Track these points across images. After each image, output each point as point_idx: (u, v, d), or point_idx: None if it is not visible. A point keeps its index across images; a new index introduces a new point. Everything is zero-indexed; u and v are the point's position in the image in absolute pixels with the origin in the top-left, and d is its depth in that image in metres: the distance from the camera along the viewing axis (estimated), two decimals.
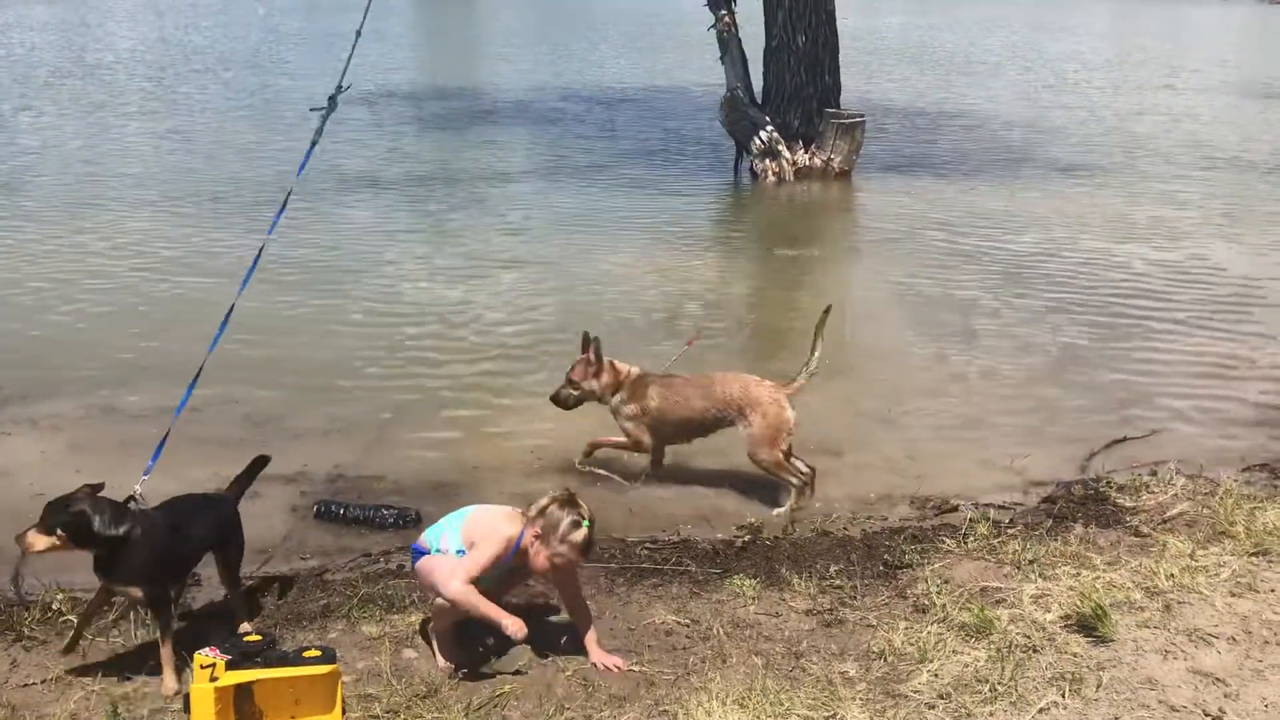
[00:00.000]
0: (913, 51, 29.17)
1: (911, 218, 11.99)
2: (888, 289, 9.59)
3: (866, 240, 11.65)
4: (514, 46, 29.37)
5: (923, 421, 6.93)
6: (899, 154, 15.41)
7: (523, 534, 4.16)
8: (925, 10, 44.64)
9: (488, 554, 4.14)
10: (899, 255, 10.59)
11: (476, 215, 11.73)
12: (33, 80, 20.04)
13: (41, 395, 6.87)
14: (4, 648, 4.28)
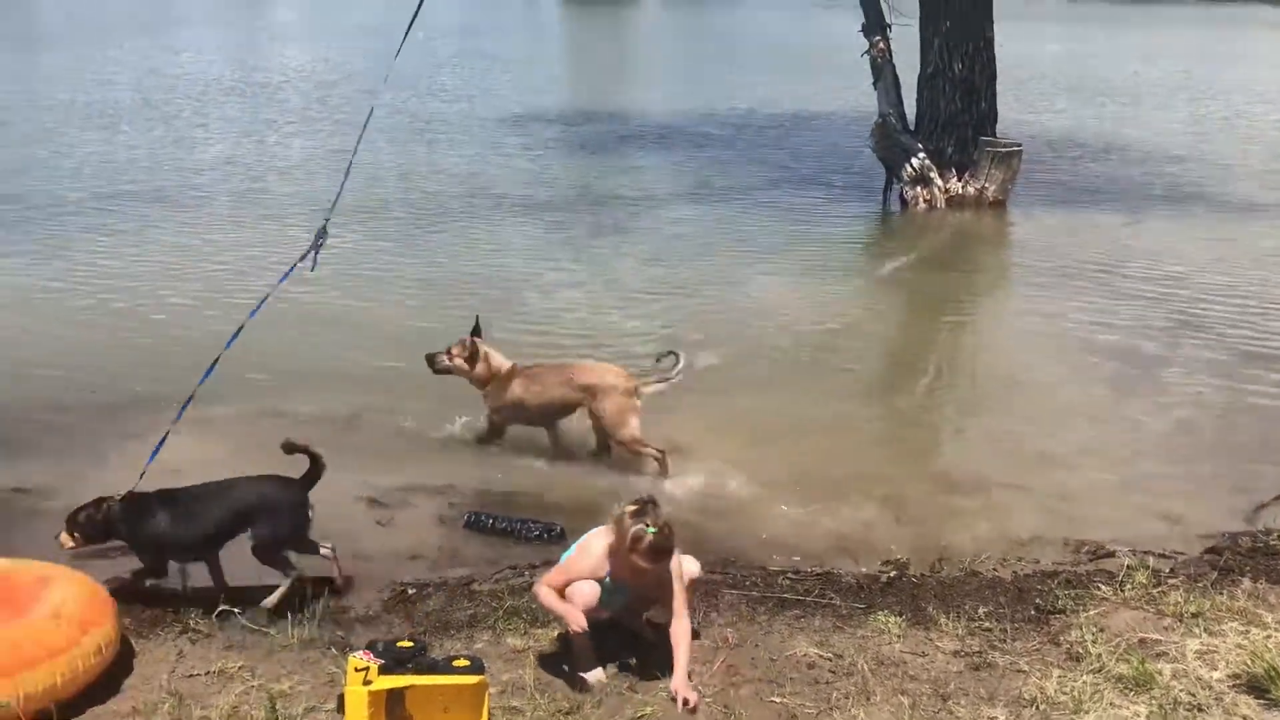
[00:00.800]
0: (1073, 79, 28.35)
1: (1069, 251, 11.62)
2: (1041, 324, 9.31)
3: (1020, 273, 11.34)
4: (662, 71, 29.64)
5: (1077, 461, 6.70)
6: (1057, 185, 14.97)
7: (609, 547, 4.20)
8: (1086, 37, 43.36)
9: (577, 562, 4.24)
10: (1055, 290, 10.26)
11: (621, 239, 11.84)
12: (205, 99, 21.08)
13: (210, 399, 7.17)
14: (172, 639, 4.49)
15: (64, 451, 6.39)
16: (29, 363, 7.75)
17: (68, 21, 37.46)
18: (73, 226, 11.46)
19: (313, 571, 5.11)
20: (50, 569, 4.35)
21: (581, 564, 4.22)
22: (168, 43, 31.89)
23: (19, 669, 3.75)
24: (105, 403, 7.01)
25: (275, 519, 4.83)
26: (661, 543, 4.09)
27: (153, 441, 6.41)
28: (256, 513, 4.82)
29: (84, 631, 3.97)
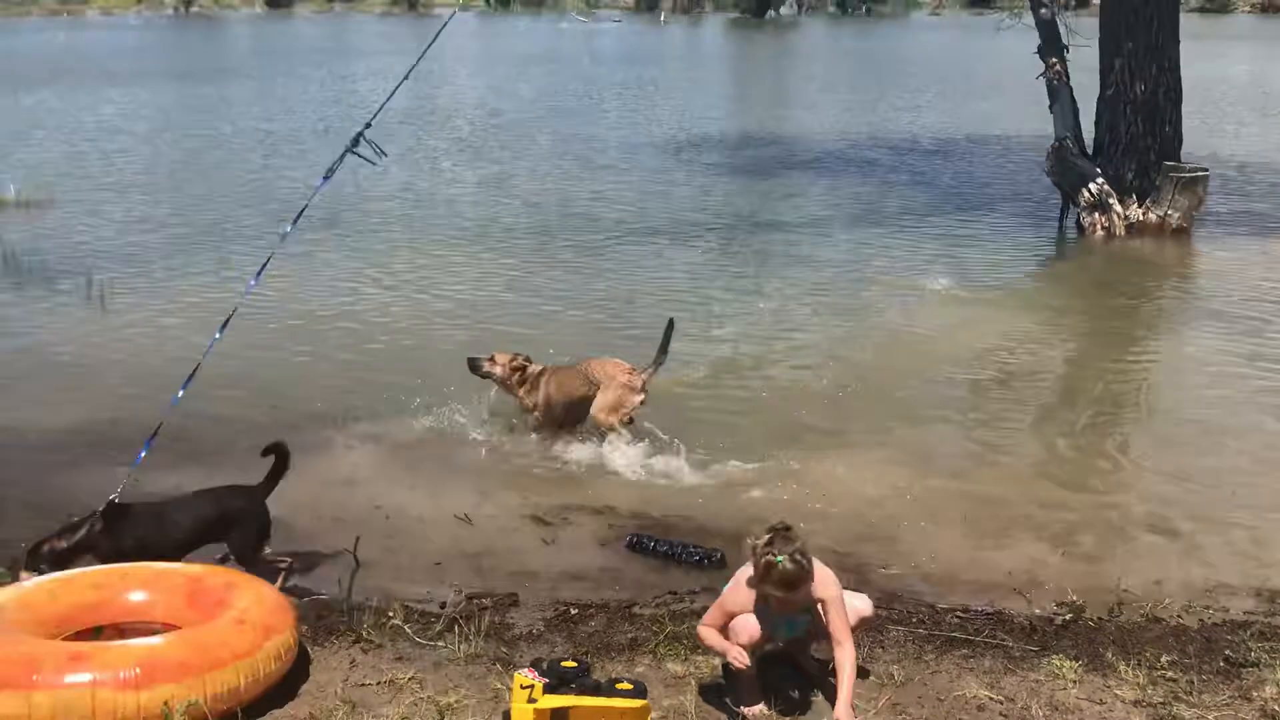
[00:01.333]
0: (1264, 100, 26.94)
1: (1258, 284, 10.99)
2: (1229, 361, 8.81)
3: (1205, 306, 10.76)
4: (825, 94, 29.43)
5: (1269, 506, 6.31)
6: (1246, 213, 14.21)
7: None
8: (1276, 57, 41.18)
9: (730, 596, 4.15)
10: (1243, 325, 9.72)
11: (784, 263, 11.77)
12: (381, 127, 21.95)
13: (386, 414, 7.44)
14: (345, 648, 4.63)
15: (248, 465, 6.69)
16: (216, 380, 8.13)
17: (254, 54, 39.59)
18: (253, 250, 12.03)
19: (473, 588, 5.24)
20: (236, 575, 4.56)
21: (735, 597, 4.15)
22: (345, 72, 33.39)
23: (207, 669, 3.93)
24: (285, 418, 7.31)
25: (244, 528, 5.15)
26: (792, 572, 3.96)
27: (321, 456, 6.74)
28: (226, 523, 5.14)
29: (266, 637, 4.13)
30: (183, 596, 4.44)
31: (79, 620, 4.39)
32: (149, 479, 6.25)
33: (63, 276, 10.78)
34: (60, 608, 4.38)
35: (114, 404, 7.56)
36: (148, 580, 4.54)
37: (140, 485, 6.08)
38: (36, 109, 24.14)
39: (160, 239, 12.40)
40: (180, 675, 3.88)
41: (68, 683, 3.79)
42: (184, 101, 25.79)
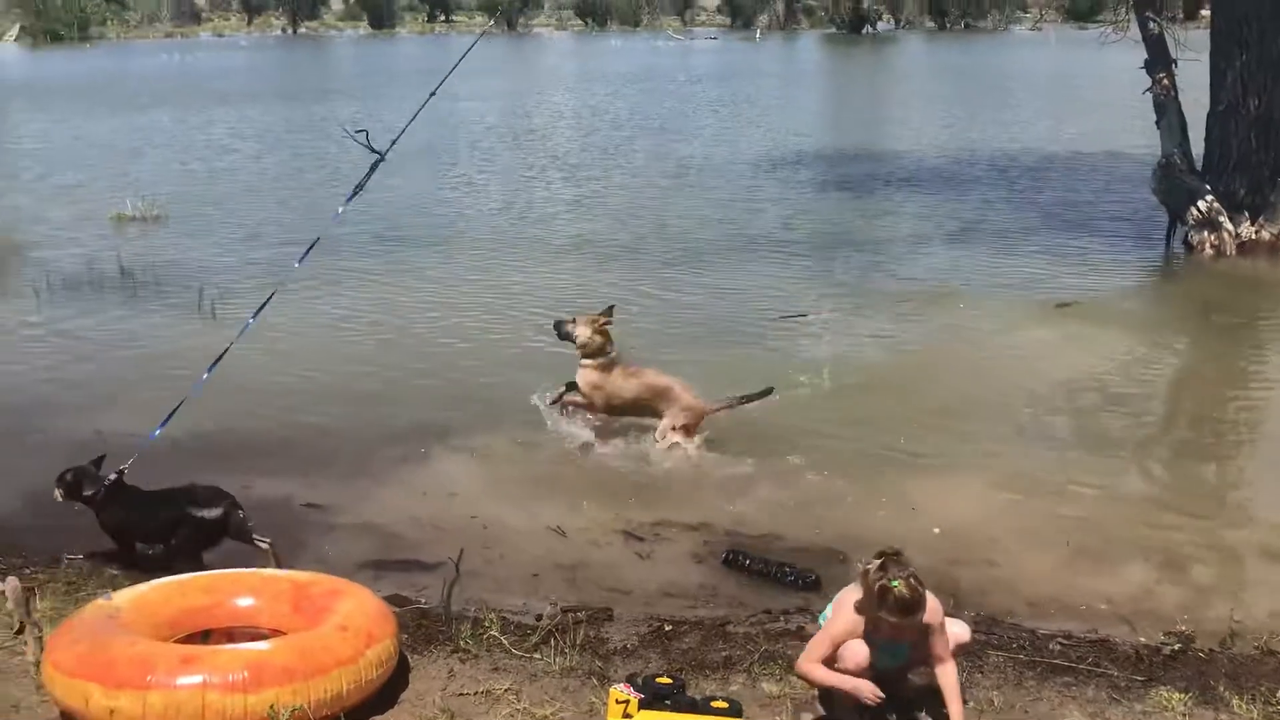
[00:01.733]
0: None
1: None
2: None
3: None
4: (924, 110, 29.08)
5: None
6: None
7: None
8: None
9: (837, 625, 4.07)
10: None
11: (881, 280, 11.65)
12: (479, 144, 22.30)
13: (482, 426, 7.56)
14: (444, 657, 4.70)
15: (352, 472, 6.86)
16: (323, 390, 8.37)
17: (358, 74, 40.56)
18: (353, 264, 12.31)
19: (567, 601, 5.28)
20: (341, 583, 4.66)
21: (842, 625, 4.06)
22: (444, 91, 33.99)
23: (311, 675, 4.03)
24: (385, 431, 7.47)
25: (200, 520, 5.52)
26: (909, 597, 3.88)
27: (422, 468, 6.87)
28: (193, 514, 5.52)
29: (368, 644, 4.22)
30: (288, 603, 4.55)
31: (190, 624, 4.54)
32: (258, 485, 6.47)
33: (174, 289, 11.17)
34: (173, 611, 4.53)
35: (222, 414, 7.78)
36: (255, 586, 4.68)
37: (250, 491, 6.30)
38: (150, 128, 25.05)
39: (266, 254, 12.75)
40: (286, 680, 3.99)
41: (180, 684, 3.91)
42: (291, 120, 26.51)
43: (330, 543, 5.95)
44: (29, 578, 5.27)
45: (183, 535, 5.51)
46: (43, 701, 4.28)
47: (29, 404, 8.04)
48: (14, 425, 7.38)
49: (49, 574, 5.40)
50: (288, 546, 5.76)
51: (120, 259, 12.05)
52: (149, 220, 14.49)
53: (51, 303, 10.81)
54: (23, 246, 12.92)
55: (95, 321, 10.21)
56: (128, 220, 14.47)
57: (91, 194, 16.48)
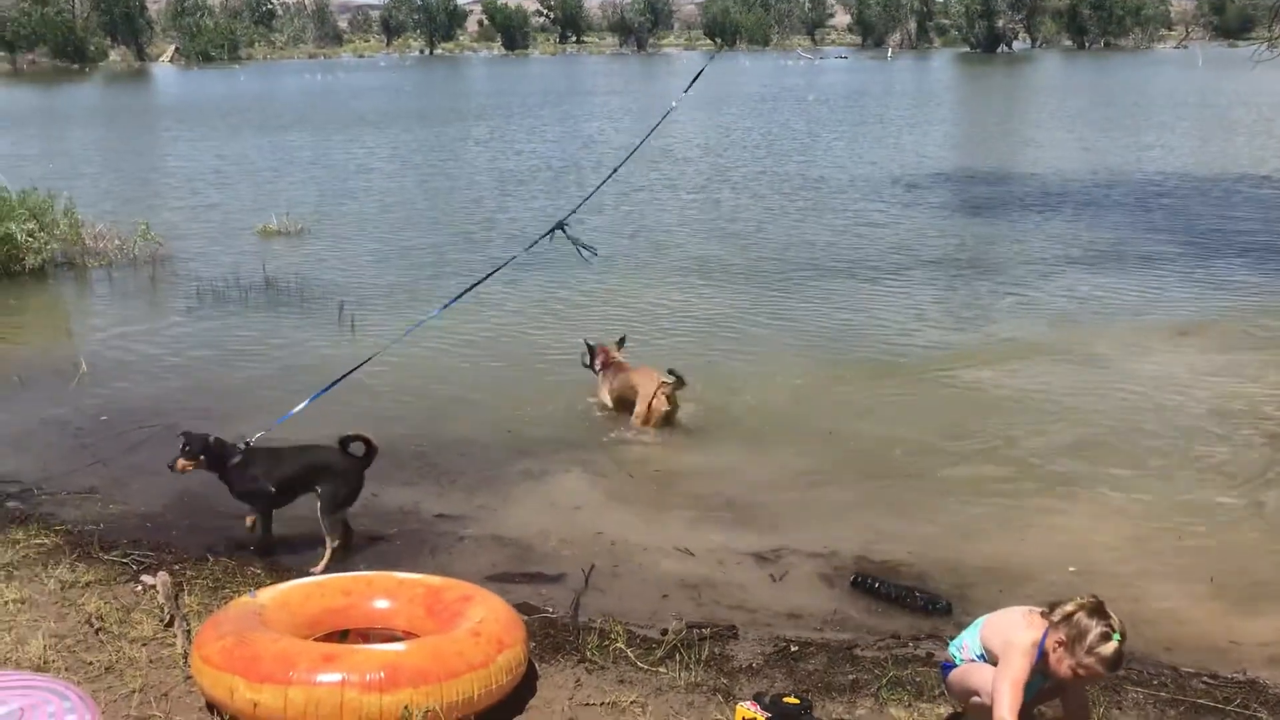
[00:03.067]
0: None
1: None
2: None
3: None
4: (1062, 130, 28.35)
5: None
6: None
7: (1044, 637, 3.92)
8: None
9: (1022, 666, 3.93)
10: None
11: (1016, 304, 11.37)
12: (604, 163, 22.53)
13: (610, 443, 7.64)
14: (570, 667, 4.76)
15: (479, 485, 7.00)
16: (449, 404, 8.56)
17: (492, 94, 41.44)
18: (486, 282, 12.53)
19: (693, 617, 5.28)
20: (473, 589, 4.76)
21: (1022, 667, 3.93)
22: (575, 112, 34.49)
23: (445, 678, 4.12)
24: (514, 443, 7.61)
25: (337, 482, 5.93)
26: (1122, 651, 3.82)
27: (549, 482, 6.96)
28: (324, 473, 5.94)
29: (499, 650, 4.30)
30: (422, 606, 4.68)
31: (328, 623, 4.70)
32: (387, 494, 6.65)
33: (316, 301, 11.57)
34: (313, 610, 4.69)
35: (359, 424, 7.99)
36: (391, 589, 4.81)
37: (379, 499, 6.48)
38: (293, 146, 26.04)
39: (402, 270, 13.12)
40: (420, 681, 4.09)
41: (320, 681, 4.05)
42: (427, 141, 27.25)
43: (459, 552, 6.08)
44: (178, 574, 5.52)
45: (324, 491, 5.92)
46: (190, 691, 4.47)
47: (179, 407, 8.41)
48: (165, 425, 7.72)
49: (196, 570, 5.64)
50: (418, 553, 5.92)
51: (265, 271, 12.53)
52: (293, 235, 15.05)
53: (200, 312, 11.32)
54: (173, 259, 13.54)
55: (240, 331, 10.63)
56: (273, 234, 15.05)
57: (237, 210, 17.20)
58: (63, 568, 5.59)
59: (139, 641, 4.89)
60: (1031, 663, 3.93)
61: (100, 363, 9.52)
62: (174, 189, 19.80)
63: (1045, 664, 3.94)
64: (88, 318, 11.70)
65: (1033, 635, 3.95)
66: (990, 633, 4.10)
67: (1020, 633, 3.98)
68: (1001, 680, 3.92)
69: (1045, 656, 3.93)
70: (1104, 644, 3.78)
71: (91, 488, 6.89)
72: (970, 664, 4.10)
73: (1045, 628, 3.93)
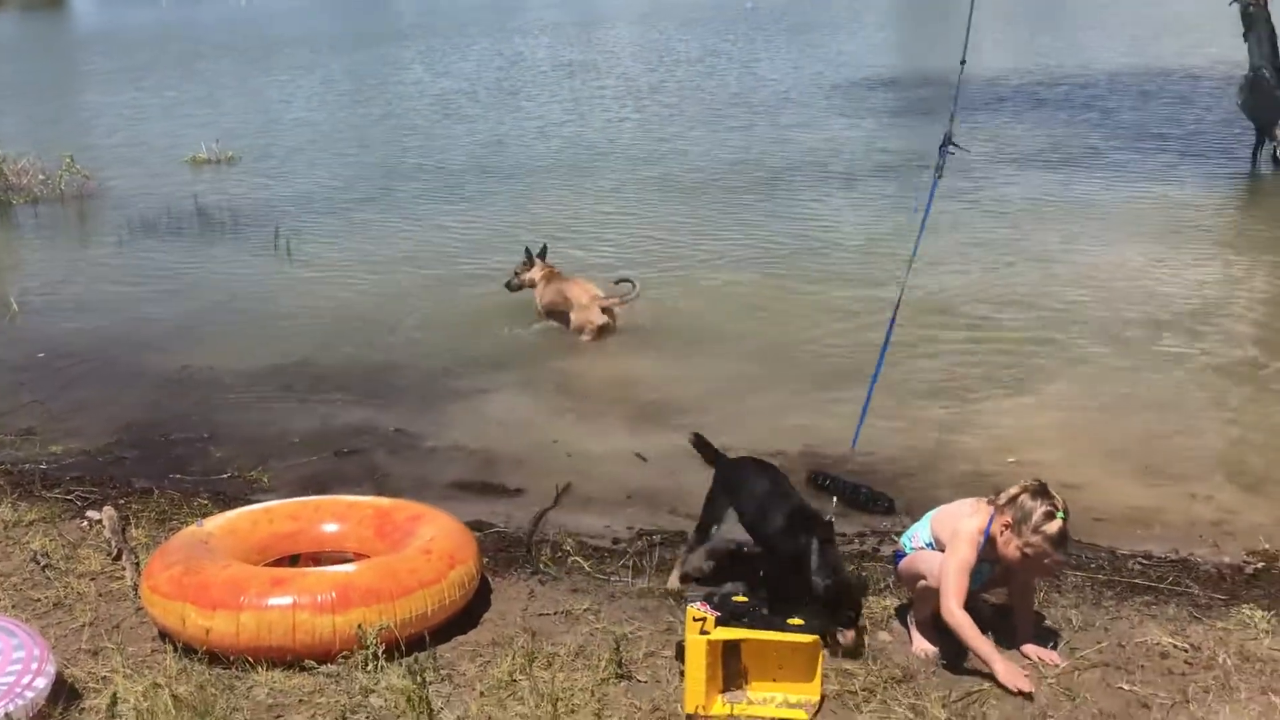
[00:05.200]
0: None
1: None
2: None
3: None
4: (1003, 32, 28.27)
5: None
6: None
7: (990, 522, 4.03)
8: None
9: (967, 552, 4.03)
10: None
11: (962, 206, 11.39)
12: (541, 82, 22.16)
13: (545, 357, 7.64)
14: (524, 580, 4.81)
15: (429, 402, 6.99)
16: (391, 323, 8.49)
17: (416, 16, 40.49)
18: (423, 204, 12.38)
19: (646, 525, 5.34)
20: (422, 509, 4.77)
21: (968, 554, 4.02)
22: (516, 27, 33.83)
23: (397, 596, 4.15)
24: (461, 360, 7.64)
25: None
26: (1067, 529, 3.92)
27: (496, 400, 6.95)
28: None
29: (451, 566, 4.32)
30: (372, 528, 4.68)
31: (278, 549, 4.70)
32: (342, 414, 6.64)
33: (249, 229, 11.37)
34: (262, 537, 4.68)
35: (301, 348, 7.96)
36: (340, 513, 4.81)
37: (336, 420, 6.47)
38: (217, 74, 25.33)
39: (336, 194, 12.90)
40: (371, 600, 4.11)
41: (271, 604, 4.06)
42: (353, 65, 26.61)
43: (416, 470, 6.09)
44: (123, 507, 5.48)
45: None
46: (142, 623, 4.46)
47: (115, 341, 8.28)
48: (103, 360, 7.61)
49: (142, 503, 5.60)
50: (368, 474, 5.93)
51: (197, 201, 12.28)
52: (224, 163, 14.74)
53: (133, 245, 11.09)
54: (102, 193, 13.20)
55: (175, 263, 10.45)
56: (203, 164, 14.71)
57: (165, 141, 16.75)
58: (4, 507, 5.52)
59: (87, 576, 4.86)
60: (977, 548, 4.03)
61: (31, 300, 9.33)
62: (98, 122, 19.25)
63: (993, 549, 4.04)
64: (15, 255, 11.45)
65: (979, 521, 4.05)
66: (940, 522, 4.21)
67: (967, 520, 4.08)
68: (948, 566, 4.02)
69: (993, 542, 4.03)
70: (1048, 522, 3.89)
71: (30, 428, 6.79)
72: (919, 551, 4.20)
73: (991, 514, 4.03)
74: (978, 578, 4.12)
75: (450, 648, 4.26)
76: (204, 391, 7.30)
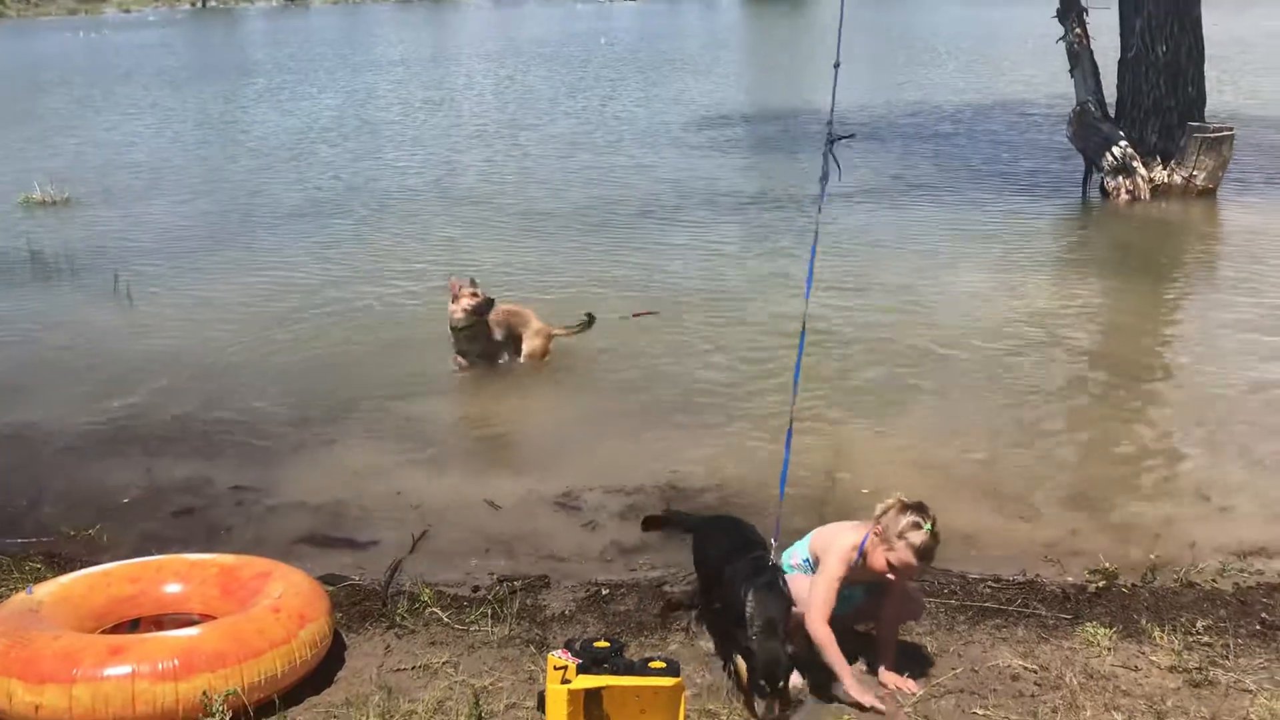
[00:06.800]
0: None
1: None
2: (1260, 321, 8.70)
3: (1233, 266, 10.63)
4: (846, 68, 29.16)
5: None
6: (1274, 171, 14.02)
7: (866, 537, 4.10)
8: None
9: (836, 568, 4.09)
10: (1268, 283, 9.60)
11: (807, 238, 11.64)
12: (396, 119, 21.91)
13: (405, 403, 7.48)
14: (380, 633, 4.67)
15: (279, 454, 6.75)
16: (243, 371, 8.20)
17: (273, 49, 39.71)
18: (269, 248, 12.08)
19: (504, 571, 5.25)
20: (271, 565, 4.59)
21: (840, 569, 4.08)
22: (371, 62, 33.39)
23: (244, 658, 3.97)
24: (314, 408, 7.37)
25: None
26: (933, 542, 3.99)
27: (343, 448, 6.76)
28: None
29: (301, 624, 4.16)
30: (217, 587, 4.49)
31: (117, 613, 4.45)
32: (179, 469, 6.36)
33: (87, 274, 10.88)
34: (99, 602, 4.43)
35: (140, 399, 7.62)
36: (182, 572, 4.59)
37: (172, 474, 6.19)
38: (57, 112, 24.31)
39: (179, 236, 12.46)
40: (217, 665, 3.93)
41: (107, 675, 3.84)
42: (200, 102, 25.87)
43: (261, 526, 5.85)
44: None
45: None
46: None
47: None
48: None
49: None
50: (215, 531, 5.70)
51: (30, 244, 11.71)
52: (59, 205, 14.09)
53: None
54: None
55: (6, 308, 9.92)
56: (36, 205, 14.05)
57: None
58: None
59: None
60: (850, 564, 4.09)
61: None
62: None
63: (867, 570, 4.09)
64: None
65: (855, 538, 4.13)
66: (817, 540, 4.27)
67: (844, 536, 4.16)
68: (817, 582, 4.10)
69: (866, 557, 4.09)
70: (913, 532, 3.97)
71: None
72: (793, 575, 4.23)
73: (869, 531, 4.11)
74: (848, 603, 4.18)
75: (303, 710, 4.10)
76: (35, 447, 6.91)
